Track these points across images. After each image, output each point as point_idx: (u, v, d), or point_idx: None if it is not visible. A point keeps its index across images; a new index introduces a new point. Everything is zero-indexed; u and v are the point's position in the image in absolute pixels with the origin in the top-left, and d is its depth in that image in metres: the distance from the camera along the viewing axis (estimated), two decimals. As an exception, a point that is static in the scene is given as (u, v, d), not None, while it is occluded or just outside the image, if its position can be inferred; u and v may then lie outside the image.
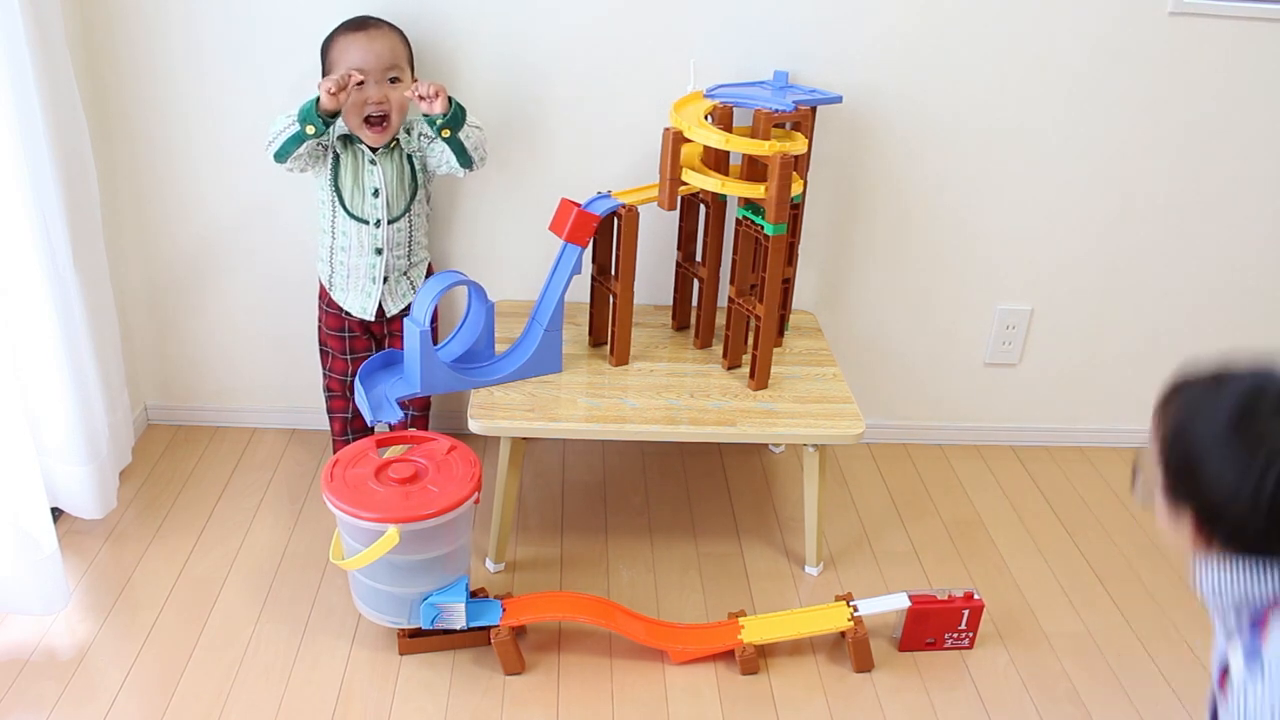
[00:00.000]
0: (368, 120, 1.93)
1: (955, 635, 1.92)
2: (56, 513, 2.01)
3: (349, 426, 2.24)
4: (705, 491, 2.34)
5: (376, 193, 1.99)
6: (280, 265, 2.24)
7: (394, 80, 1.93)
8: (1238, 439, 1.10)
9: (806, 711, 1.78)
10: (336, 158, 1.99)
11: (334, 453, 2.25)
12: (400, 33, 1.96)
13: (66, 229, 1.88)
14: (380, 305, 2.09)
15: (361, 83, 1.87)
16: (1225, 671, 1.23)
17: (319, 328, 2.16)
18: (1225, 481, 1.11)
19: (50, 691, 1.71)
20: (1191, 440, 1.15)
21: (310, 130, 1.86)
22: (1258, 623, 1.17)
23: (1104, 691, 1.88)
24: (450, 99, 1.91)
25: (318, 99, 1.84)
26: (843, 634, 1.87)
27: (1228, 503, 1.12)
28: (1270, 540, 1.13)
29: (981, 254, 2.36)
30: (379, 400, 1.93)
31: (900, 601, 1.89)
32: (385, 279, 2.07)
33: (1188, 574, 1.27)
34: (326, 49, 1.93)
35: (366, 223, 2.01)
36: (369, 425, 1.93)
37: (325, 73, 1.92)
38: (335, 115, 1.88)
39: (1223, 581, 1.21)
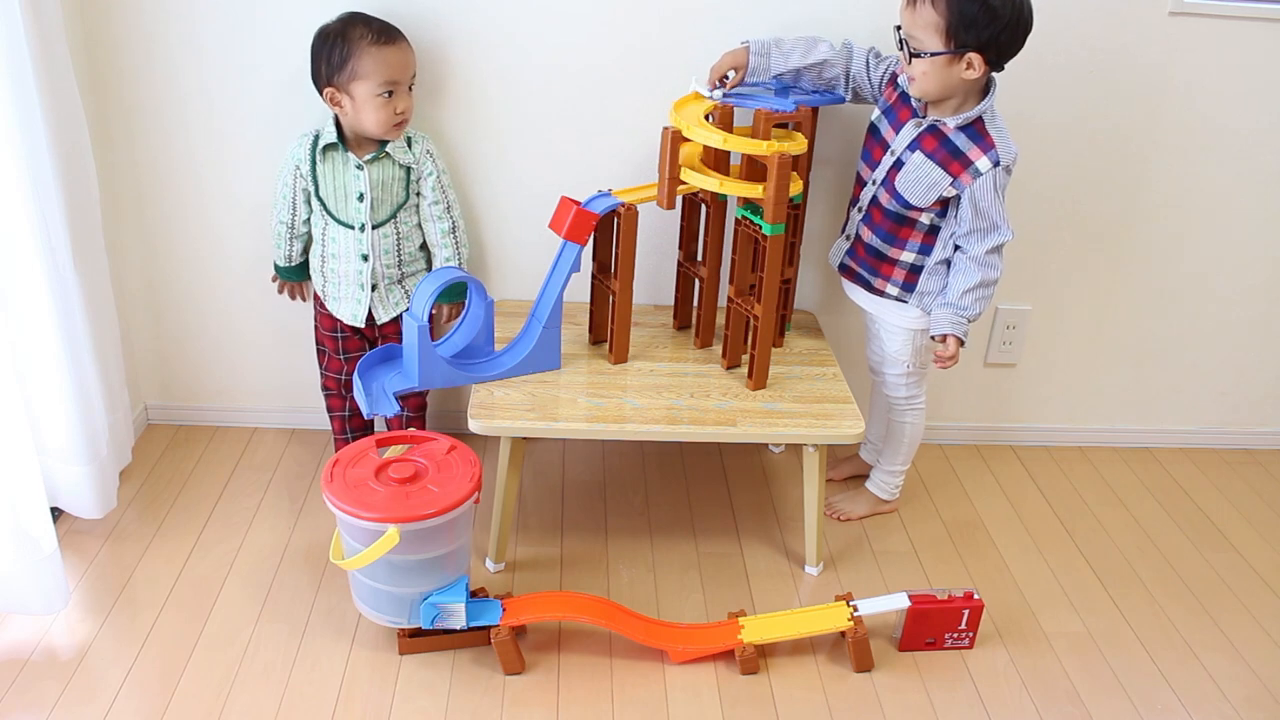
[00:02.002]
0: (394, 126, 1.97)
1: (955, 635, 1.92)
2: (56, 512, 2.02)
3: (348, 425, 2.25)
4: (705, 491, 2.34)
5: (361, 197, 2.00)
6: (280, 265, 2.24)
7: (409, 88, 1.99)
8: None
9: (806, 712, 1.78)
10: (314, 172, 2.00)
11: (335, 452, 2.26)
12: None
13: (66, 229, 1.88)
14: (370, 312, 2.10)
15: (393, 93, 1.92)
16: (945, 155, 1.88)
17: (315, 327, 2.17)
18: (1001, 14, 1.76)
19: (50, 691, 1.71)
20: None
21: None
22: (979, 131, 1.87)
23: (1104, 691, 1.88)
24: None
25: (283, 270, 2.15)
26: (843, 634, 1.87)
27: (1002, 32, 1.77)
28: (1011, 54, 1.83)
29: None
30: (376, 394, 1.93)
31: (900, 601, 1.89)
32: (374, 286, 2.07)
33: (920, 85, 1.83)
34: (346, 53, 1.90)
35: (353, 228, 2.02)
36: (366, 419, 1.93)
37: (342, 71, 1.90)
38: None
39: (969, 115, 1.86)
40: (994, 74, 1.86)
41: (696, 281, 2.18)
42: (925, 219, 1.96)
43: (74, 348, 1.93)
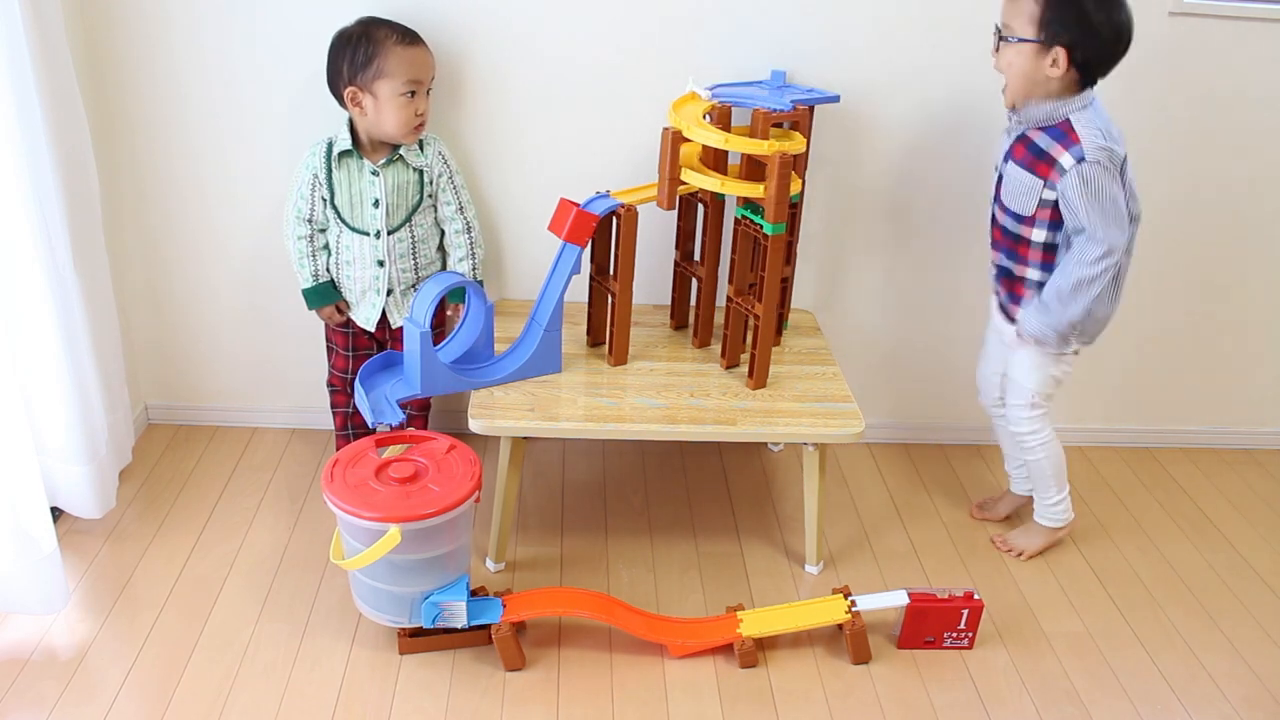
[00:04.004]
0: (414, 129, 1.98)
1: (955, 635, 1.92)
2: (56, 512, 2.02)
3: (349, 421, 2.25)
4: (705, 491, 2.34)
5: (377, 203, 2.00)
6: (281, 265, 2.23)
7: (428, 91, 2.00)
8: None
9: (805, 705, 1.78)
10: (330, 180, 2.00)
11: (335, 447, 2.27)
12: None
13: (67, 229, 1.89)
14: (385, 315, 2.10)
15: (415, 93, 1.93)
16: (1031, 158, 1.89)
17: (325, 323, 2.17)
18: (1094, 20, 1.79)
19: (50, 691, 1.71)
20: None
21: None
22: (1065, 131, 1.85)
23: (1104, 691, 1.88)
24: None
25: (313, 296, 2.10)
26: (840, 627, 1.88)
27: (1092, 38, 1.80)
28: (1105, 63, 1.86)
29: (980, 253, 2.35)
30: (379, 402, 1.93)
31: (899, 599, 1.89)
32: (390, 291, 2.08)
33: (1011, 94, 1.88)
34: (372, 52, 1.90)
35: (367, 234, 2.02)
36: (370, 427, 1.94)
37: (367, 70, 1.90)
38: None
39: (1050, 112, 1.86)
40: (1089, 89, 1.86)
41: (694, 281, 2.18)
42: (1039, 235, 1.92)
43: (74, 348, 1.93)
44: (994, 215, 2.01)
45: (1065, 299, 1.89)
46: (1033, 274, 1.97)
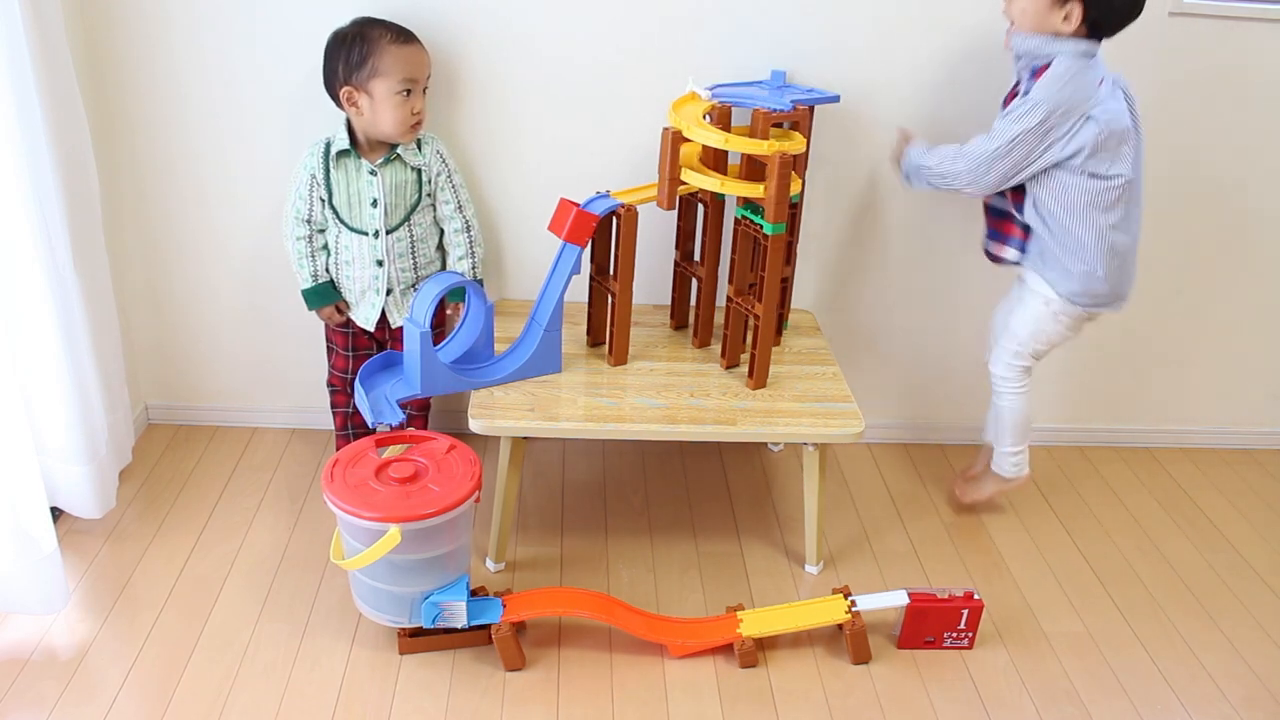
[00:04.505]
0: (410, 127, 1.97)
1: (955, 635, 1.92)
2: (56, 512, 2.02)
3: (350, 421, 2.25)
4: (705, 491, 2.34)
5: (375, 203, 2.00)
6: (281, 265, 2.23)
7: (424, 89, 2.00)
8: None
9: (805, 705, 1.78)
10: (328, 180, 2.00)
11: (335, 446, 2.27)
12: None
13: (66, 229, 1.89)
14: (384, 315, 2.10)
15: (410, 92, 1.93)
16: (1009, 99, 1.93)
17: (325, 323, 2.17)
18: None
19: (50, 691, 1.71)
20: None
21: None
22: (1036, 72, 1.87)
23: (1104, 691, 1.88)
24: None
25: (313, 296, 2.10)
26: (840, 626, 1.88)
27: None
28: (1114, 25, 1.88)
29: (980, 251, 2.36)
30: (379, 402, 1.93)
31: (899, 599, 1.89)
32: (389, 291, 2.08)
33: (1011, 39, 1.90)
34: (367, 51, 1.91)
35: (366, 234, 2.02)
36: (370, 427, 1.94)
37: (362, 69, 1.91)
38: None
39: (1040, 45, 1.87)
40: (1094, 45, 1.87)
41: (694, 281, 2.18)
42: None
43: (74, 348, 1.93)
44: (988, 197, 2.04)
45: (927, 161, 1.98)
46: (1020, 215, 1.99)
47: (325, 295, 2.10)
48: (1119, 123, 1.88)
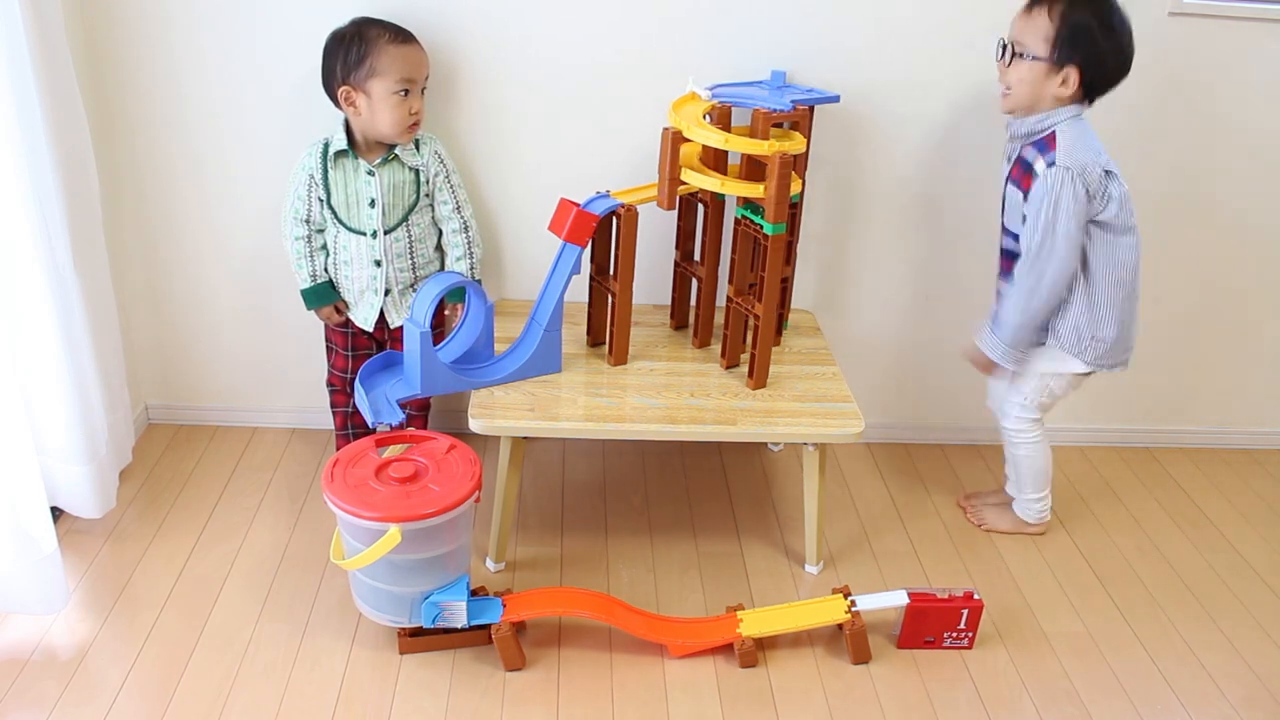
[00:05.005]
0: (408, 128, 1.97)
1: (954, 635, 1.92)
2: (56, 512, 2.02)
3: (349, 421, 2.26)
4: (705, 491, 2.34)
5: (373, 203, 2.00)
6: (281, 265, 2.24)
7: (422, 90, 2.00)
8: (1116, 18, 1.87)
9: (805, 705, 1.78)
10: (326, 180, 2.00)
11: (336, 446, 2.27)
12: None
13: (67, 229, 1.89)
14: (383, 315, 2.10)
15: (408, 92, 1.93)
16: (1020, 173, 1.95)
17: (325, 322, 2.17)
18: (1103, 48, 1.86)
19: (50, 691, 1.71)
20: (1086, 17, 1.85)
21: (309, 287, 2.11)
22: (1048, 141, 1.90)
23: (1104, 691, 1.88)
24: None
25: (311, 296, 2.10)
26: (840, 626, 1.88)
27: (1102, 63, 1.88)
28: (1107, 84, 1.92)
29: (980, 252, 2.36)
30: (379, 401, 1.93)
31: (899, 599, 1.89)
32: (388, 291, 2.08)
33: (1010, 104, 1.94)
34: (364, 51, 1.91)
35: (364, 234, 2.02)
36: (370, 427, 1.94)
37: (360, 69, 1.91)
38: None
39: (1038, 122, 1.92)
40: (1085, 106, 1.92)
41: (694, 281, 2.18)
42: None
43: (74, 348, 1.93)
44: (1001, 241, 2.06)
45: (1009, 317, 1.98)
46: None
47: (324, 295, 2.10)
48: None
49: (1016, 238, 1.98)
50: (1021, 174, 1.94)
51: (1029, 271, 1.93)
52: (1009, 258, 2.02)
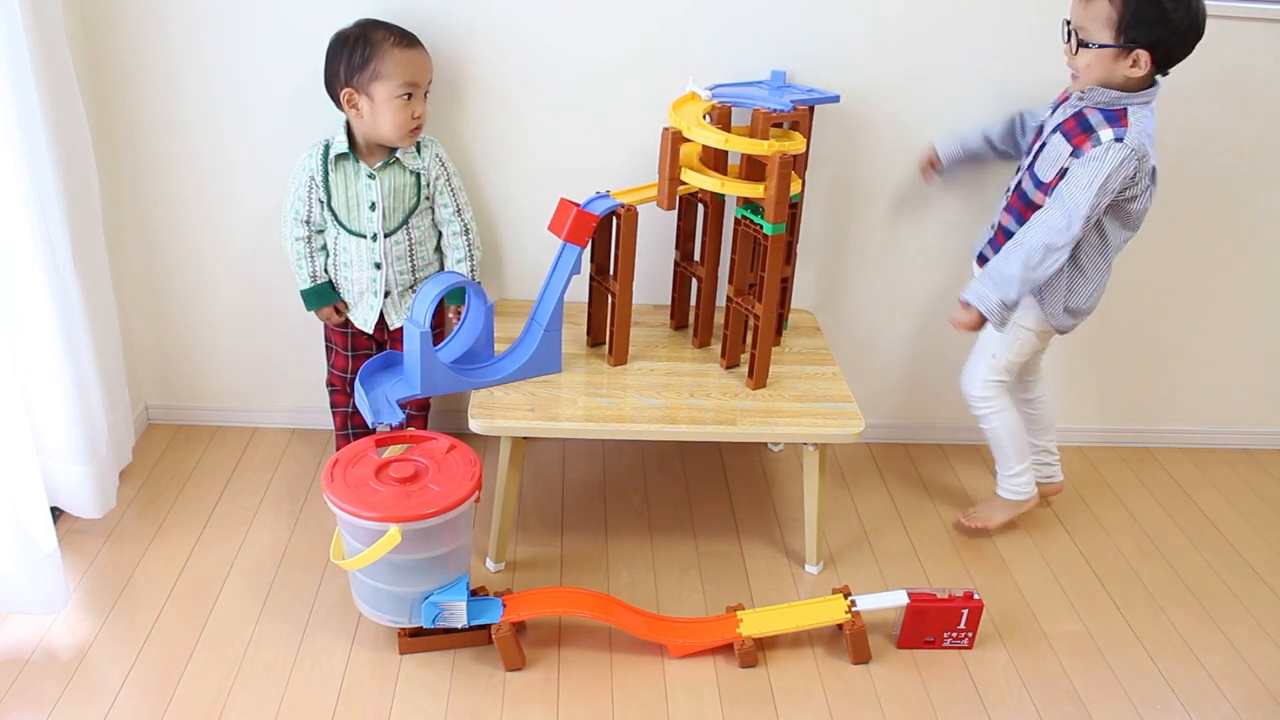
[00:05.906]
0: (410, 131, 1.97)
1: (954, 635, 1.92)
2: (56, 512, 2.02)
3: (349, 421, 2.26)
4: (705, 491, 2.34)
5: (373, 206, 2.00)
6: (281, 265, 2.24)
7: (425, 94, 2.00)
8: None
9: (805, 705, 1.79)
10: (327, 182, 2.00)
11: (336, 446, 2.27)
12: None
13: (67, 229, 1.89)
14: (383, 316, 2.11)
15: (411, 96, 1.93)
16: (1077, 129, 1.88)
17: (324, 323, 2.17)
18: (1174, 19, 1.77)
19: (50, 691, 1.71)
20: None
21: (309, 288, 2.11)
22: (1119, 115, 1.85)
23: (1104, 691, 1.88)
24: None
25: (311, 297, 2.10)
26: (840, 626, 1.88)
27: (1174, 35, 1.78)
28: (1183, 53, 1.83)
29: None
30: (379, 402, 1.93)
31: (899, 599, 1.89)
32: (387, 293, 2.08)
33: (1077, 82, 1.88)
34: (369, 54, 1.90)
35: (364, 237, 2.02)
36: (370, 427, 1.94)
37: (364, 71, 1.91)
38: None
39: (1115, 99, 1.85)
40: (1159, 77, 1.87)
41: (694, 281, 2.18)
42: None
43: (74, 348, 1.93)
44: (1020, 181, 2.00)
45: (1006, 270, 1.88)
46: None
47: (324, 295, 2.10)
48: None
49: (1038, 183, 1.93)
50: (1078, 130, 1.87)
51: (1042, 230, 1.86)
52: (1024, 200, 1.97)
